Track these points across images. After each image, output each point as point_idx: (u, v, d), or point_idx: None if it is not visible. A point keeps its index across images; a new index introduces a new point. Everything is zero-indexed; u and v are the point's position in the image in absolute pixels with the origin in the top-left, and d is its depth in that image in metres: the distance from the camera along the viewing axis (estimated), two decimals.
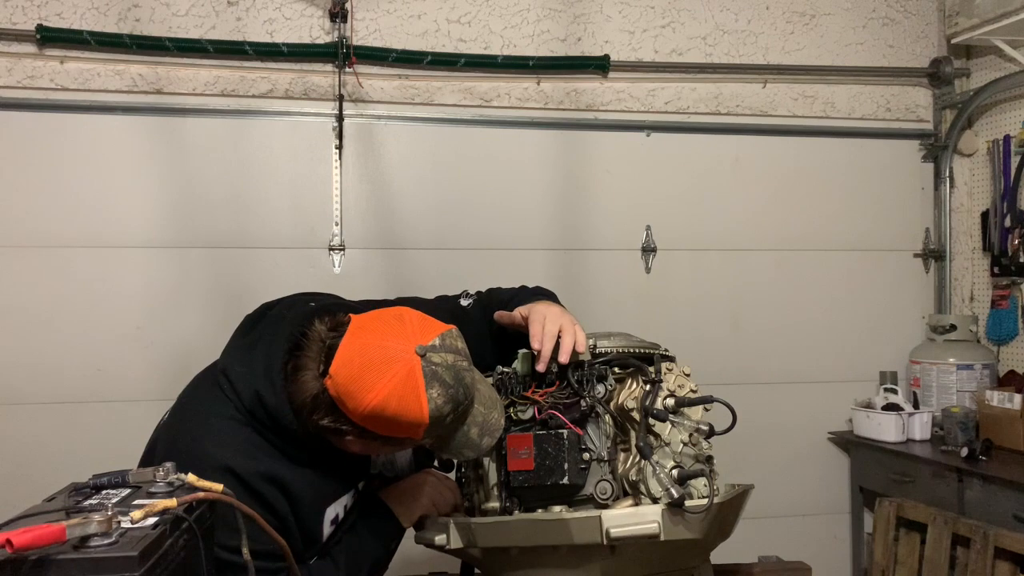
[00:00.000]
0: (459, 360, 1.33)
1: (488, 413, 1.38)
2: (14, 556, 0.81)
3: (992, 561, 2.02)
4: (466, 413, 1.34)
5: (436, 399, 1.28)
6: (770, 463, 3.39)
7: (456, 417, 1.32)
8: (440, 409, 1.29)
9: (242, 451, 1.33)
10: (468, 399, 1.33)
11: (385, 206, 3.26)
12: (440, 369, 1.29)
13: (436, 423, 1.30)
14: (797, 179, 3.56)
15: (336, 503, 1.45)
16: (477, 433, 1.36)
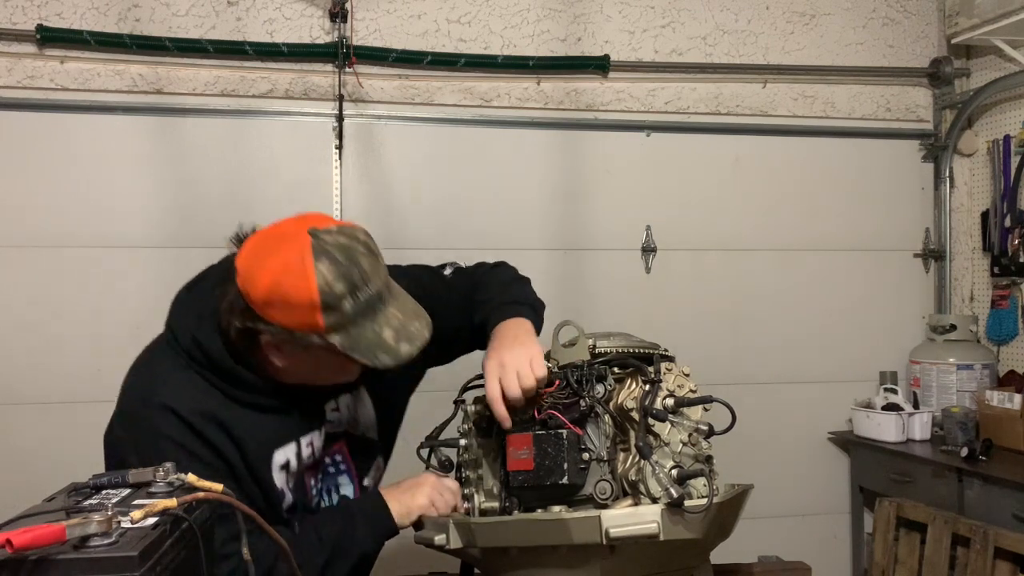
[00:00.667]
0: (356, 244, 1.31)
1: (408, 320, 1.34)
2: (14, 556, 0.81)
3: (992, 561, 2.02)
4: (374, 308, 1.31)
5: (324, 273, 1.26)
6: (770, 463, 3.39)
7: (359, 307, 1.29)
8: (330, 285, 1.26)
9: (184, 392, 1.35)
10: (368, 284, 1.30)
11: (385, 206, 3.26)
12: (332, 247, 1.29)
13: (331, 305, 1.27)
14: (797, 179, 3.56)
15: (285, 448, 1.42)
16: (392, 336, 1.32)
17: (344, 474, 1.56)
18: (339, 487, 1.56)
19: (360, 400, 1.57)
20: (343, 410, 1.54)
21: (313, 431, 1.48)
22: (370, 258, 1.32)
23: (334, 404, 1.53)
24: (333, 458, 1.55)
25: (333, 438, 1.53)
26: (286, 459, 1.43)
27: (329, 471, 1.54)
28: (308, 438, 1.47)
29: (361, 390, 1.57)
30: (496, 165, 3.34)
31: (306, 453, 1.46)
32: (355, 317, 1.30)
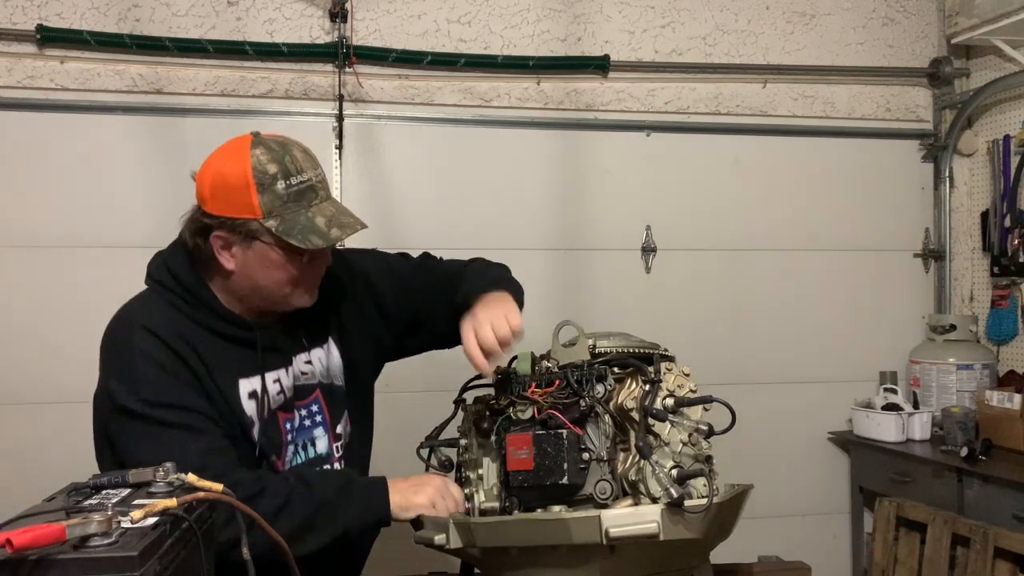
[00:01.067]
0: (292, 142, 1.47)
1: (341, 214, 1.48)
2: (14, 556, 0.81)
3: (992, 561, 2.02)
4: (306, 196, 1.45)
5: (259, 156, 1.42)
6: (770, 463, 3.38)
7: (292, 192, 1.43)
8: (263, 165, 1.41)
9: (158, 315, 1.47)
10: (300, 172, 1.44)
11: (385, 206, 3.26)
12: (268, 140, 1.46)
13: (264, 185, 1.41)
14: (797, 179, 3.56)
15: (251, 379, 1.49)
16: (324, 223, 1.45)
17: (320, 426, 1.60)
18: (314, 441, 1.58)
19: (330, 352, 1.65)
20: (316, 363, 1.61)
21: (279, 369, 1.54)
22: (305, 154, 1.48)
23: (307, 357, 1.59)
24: (309, 408, 1.59)
25: (309, 389, 1.59)
26: (253, 389, 1.49)
27: (305, 424, 1.58)
28: (274, 375, 1.53)
29: (330, 342, 1.65)
30: (496, 165, 3.34)
31: (273, 389, 1.52)
32: (288, 202, 1.43)
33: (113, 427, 1.45)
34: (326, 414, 1.61)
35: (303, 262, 1.48)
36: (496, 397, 1.52)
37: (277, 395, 1.53)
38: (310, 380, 1.60)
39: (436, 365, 3.20)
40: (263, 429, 1.50)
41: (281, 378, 1.54)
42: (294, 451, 1.55)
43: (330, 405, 1.62)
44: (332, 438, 1.61)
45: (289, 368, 1.55)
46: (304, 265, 1.49)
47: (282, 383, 1.54)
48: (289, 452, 1.54)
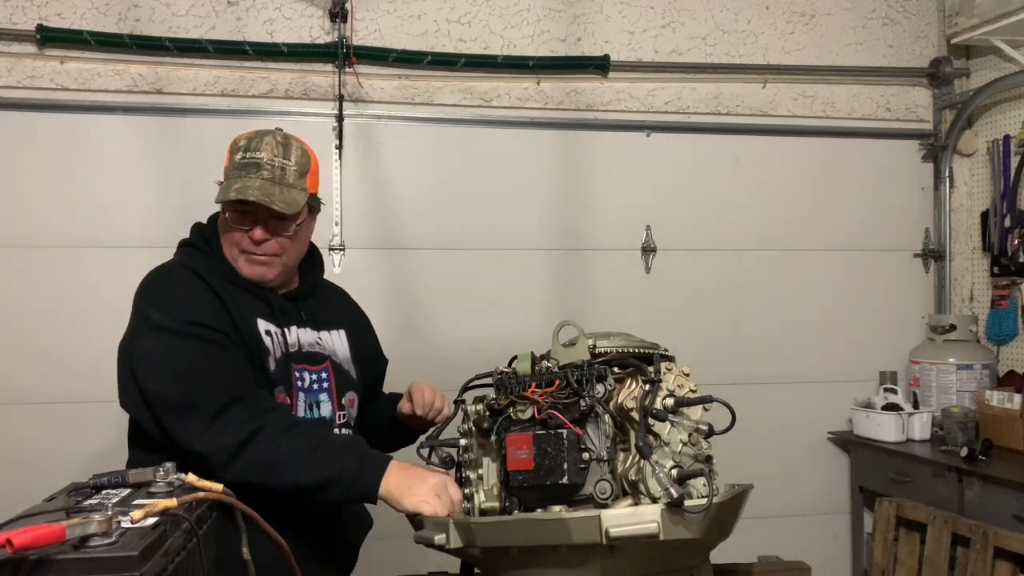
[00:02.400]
0: (277, 135, 1.73)
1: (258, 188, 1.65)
2: (14, 556, 0.81)
3: (992, 561, 2.01)
4: (247, 168, 1.67)
5: (245, 133, 1.74)
6: (770, 463, 3.38)
7: (241, 162, 1.68)
8: (239, 139, 1.73)
9: (192, 261, 1.73)
10: (255, 152, 1.68)
11: (385, 206, 3.26)
12: (267, 129, 1.74)
13: (232, 153, 1.72)
14: (797, 179, 3.56)
15: (267, 322, 1.71)
16: (239, 187, 1.65)
17: (325, 392, 1.77)
18: (319, 404, 1.75)
19: (339, 339, 1.87)
20: (325, 341, 1.82)
21: (291, 325, 1.75)
22: (280, 144, 1.71)
23: (317, 336, 1.81)
24: (319, 375, 1.77)
25: (321, 358, 1.79)
26: (268, 328, 1.70)
27: (314, 387, 1.75)
28: (285, 328, 1.74)
29: (341, 332, 1.87)
30: (496, 165, 3.34)
31: (291, 339, 1.74)
32: (234, 168, 1.69)
33: (144, 345, 1.63)
34: (332, 384, 1.78)
35: (227, 221, 1.70)
36: (496, 397, 1.52)
37: (293, 345, 1.73)
38: (322, 351, 1.79)
39: (436, 365, 3.22)
40: (278, 364, 1.68)
41: (295, 331, 1.75)
42: (304, 405, 1.72)
43: (338, 377, 1.79)
44: (336, 406, 1.77)
45: (293, 328, 1.75)
46: (230, 227, 1.70)
47: (299, 336, 1.75)
48: (300, 400, 1.71)
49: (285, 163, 1.70)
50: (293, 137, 1.76)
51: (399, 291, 3.27)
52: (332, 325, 1.86)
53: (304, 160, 1.74)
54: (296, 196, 1.69)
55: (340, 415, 1.78)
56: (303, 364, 1.74)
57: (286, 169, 1.70)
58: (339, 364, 1.82)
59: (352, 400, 1.83)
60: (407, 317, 3.26)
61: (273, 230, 1.70)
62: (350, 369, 1.85)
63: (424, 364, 3.22)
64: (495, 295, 3.31)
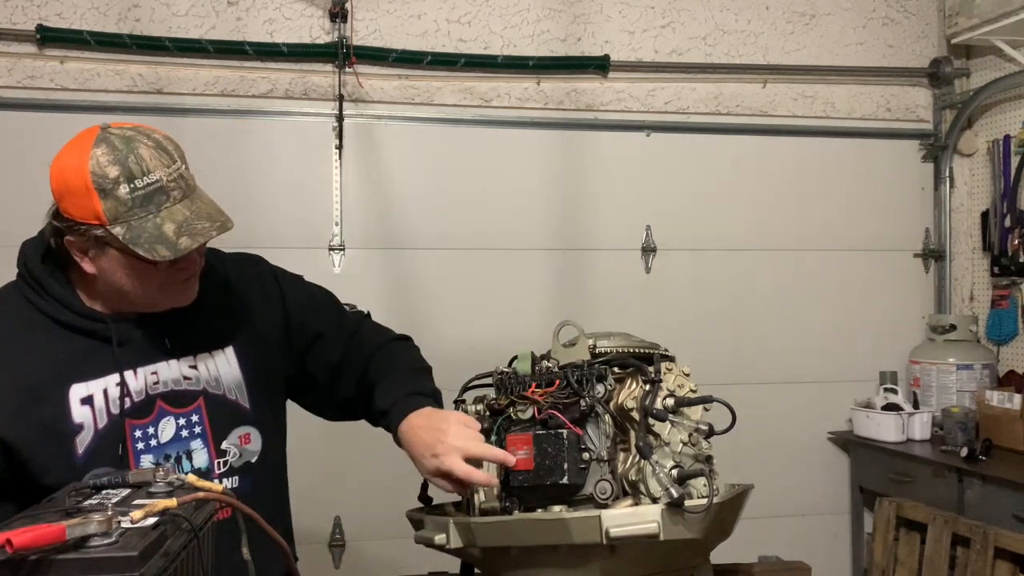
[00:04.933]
0: (141, 137, 1.35)
1: (196, 219, 1.34)
2: (14, 556, 0.81)
3: (992, 561, 2.01)
4: (155, 200, 1.32)
5: (98, 157, 1.31)
6: (770, 463, 3.39)
7: (138, 197, 1.31)
8: (102, 168, 1.30)
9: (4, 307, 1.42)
10: (147, 174, 1.31)
11: (385, 206, 3.26)
12: (115, 137, 1.35)
13: (105, 190, 1.30)
14: (797, 179, 3.57)
15: (92, 381, 1.39)
16: (174, 230, 1.32)
17: (199, 438, 1.46)
18: (191, 454, 1.45)
19: (224, 360, 1.52)
20: (201, 368, 1.48)
21: (141, 365, 1.43)
22: (155, 151, 1.34)
23: (192, 362, 1.48)
24: (188, 418, 1.46)
25: (191, 397, 1.46)
26: (89, 393, 1.39)
27: (182, 435, 1.45)
28: (131, 371, 1.42)
29: (227, 352, 1.52)
30: (496, 165, 3.34)
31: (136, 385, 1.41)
32: (134, 207, 1.31)
33: None
34: (207, 426, 1.47)
35: (164, 267, 1.37)
36: (496, 397, 1.52)
37: (135, 391, 1.41)
38: (193, 386, 1.47)
39: (436, 365, 3.21)
40: (96, 437, 1.38)
41: (134, 377, 1.42)
42: (157, 462, 1.42)
43: (213, 417, 1.48)
44: (214, 453, 1.48)
45: (141, 371, 1.43)
46: (167, 269, 1.38)
47: (130, 384, 1.41)
48: (144, 463, 1.41)
49: (179, 168, 1.37)
50: (139, 129, 1.40)
51: (399, 291, 3.27)
52: (214, 344, 1.51)
53: (179, 150, 1.40)
54: (207, 197, 1.40)
55: (220, 463, 1.47)
56: (156, 412, 1.43)
57: (183, 174, 1.37)
58: (219, 396, 1.49)
59: (246, 436, 1.51)
60: (407, 317, 3.25)
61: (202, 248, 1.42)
62: (239, 397, 1.51)
63: None
64: (495, 295, 3.31)
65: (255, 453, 1.52)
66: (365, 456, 2.91)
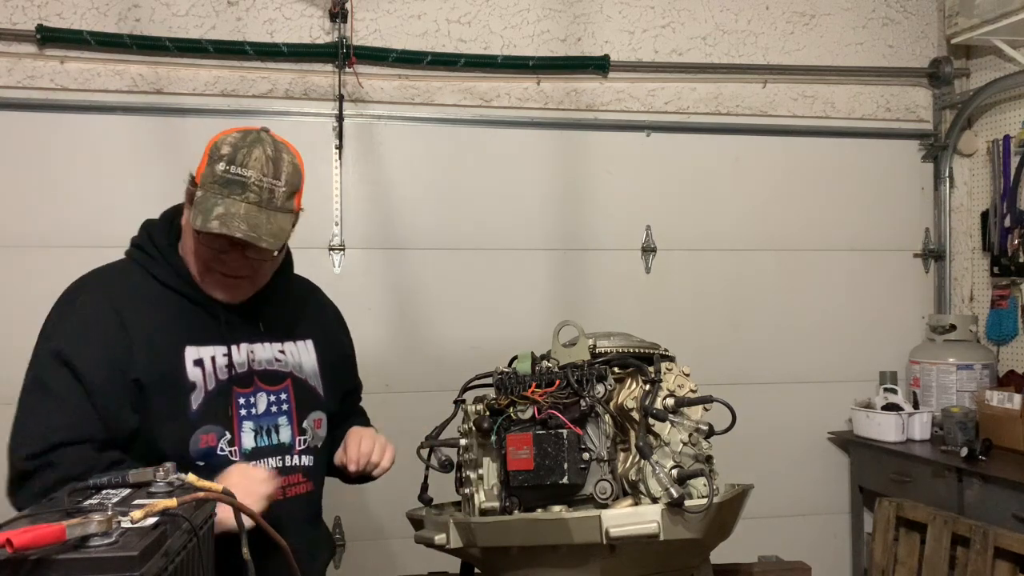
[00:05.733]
0: (265, 144, 1.51)
1: (242, 221, 1.46)
2: (14, 556, 0.81)
3: (992, 561, 2.02)
4: (231, 187, 1.47)
5: (228, 137, 1.52)
6: (770, 463, 3.39)
7: (223, 177, 1.47)
8: (221, 144, 1.50)
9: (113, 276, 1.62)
10: (243, 167, 1.48)
11: (385, 206, 3.26)
12: (255, 134, 1.53)
13: (212, 158, 1.49)
14: (797, 179, 3.56)
15: (202, 347, 1.56)
16: (220, 214, 1.45)
17: (284, 415, 1.64)
18: (278, 428, 1.63)
19: (306, 350, 1.72)
20: (288, 355, 1.68)
21: (242, 342, 1.61)
22: (266, 159, 1.50)
23: (281, 347, 1.67)
24: (278, 396, 1.64)
25: (281, 376, 1.65)
26: (200, 357, 1.56)
27: (271, 409, 1.63)
28: (234, 346, 1.59)
29: (308, 342, 1.73)
30: (496, 165, 3.34)
31: (239, 358, 1.59)
32: (215, 182, 1.48)
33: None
34: (292, 405, 1.65)
35: (207, 248, 1.53)
36: (496, 397, 1.52)
37: (238, 364, 1.59)
38: (282, 368, 1.66)
39: (436, 365, 3.22)
40: (207, 398, 1.54)
41: (236, 351, 1.60)
42: (256, 432, 1.59)
43: (299, 398, 1.66)
44: (296, 430, 1.65)
45: (243, 347, 1.61)
46: (203, 246, 1.53)
47: (234, 357, 1.59)
48: (245, 429, 1.58)
49: (275, 184, 1.50)
50: (284, 146, 1.56)
51: (399, 291, 3.26)
52: (299, 335, 1.72)
53: (295, 178, 1.54)
54: (283, 223, 1.52)
55: (301, 440, 1.66)
56: (254, 386, 1.60)
57: (275, 191, 1.50)
58: (303, 380, 1.69)
59: (319, 420, 1.70)
60: (407, 317, 3.26)
61: (252, 254, 1.53)
62: (317, 385, 1.71)
63: (424, 364, 3.23)
64: (495, 295, 3.31)
65: (322, 438, 1.71)
66: None
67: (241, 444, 1.57)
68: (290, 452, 1.64)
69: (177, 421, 1.52)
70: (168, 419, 1.51)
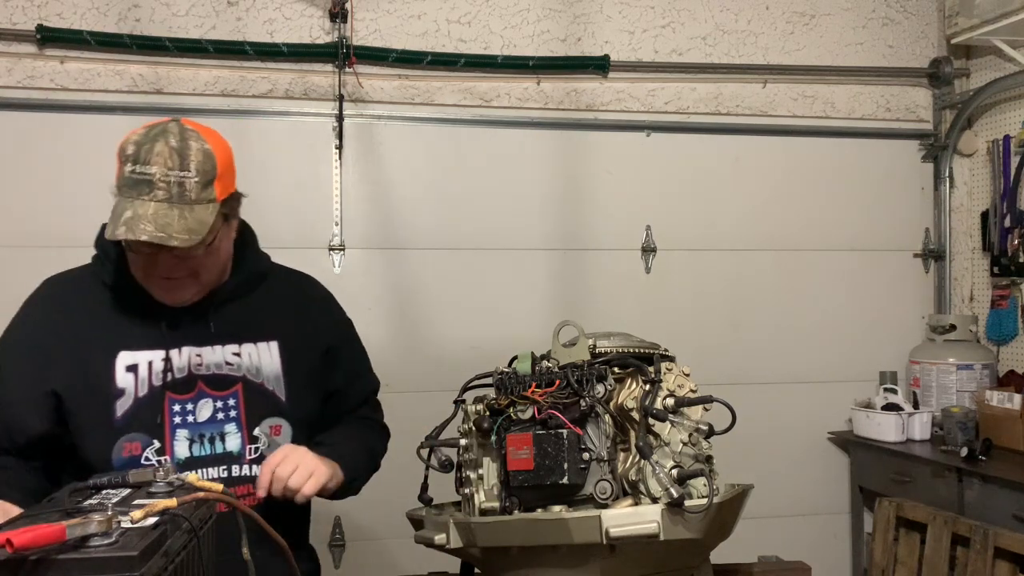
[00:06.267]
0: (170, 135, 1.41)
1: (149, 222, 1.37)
2: (14, 556, 0.81)
3: (992, 561, 2.02)
4: (138, 188, 1.38)
5: (136, 133, 1.42)
6: (770, 463, 3.39)
7: (130, 178, 1.39)
8: (126, 143, 1.41)
9: (67, 276, 1.61)
10: (146, 164, 1.38)
11: (385, 206, 3.26)
12: (161, 125, 1.43)
13: (121, 159, 1.41)
14: (797, 179, 3.56)
15: (138, 352, 1.51)
16: (128, 219, 1.37)
17: (233, 422, 1.55)
18: (224, 436, 1.54)
19: (268, 352, 1.61)
20: (244, 358, 1.58)
21: (186, 345, 1.53)
22: (171, 151, 1.39)
23: (236, 349, 1.58)
24: (226, 402, 1.55)
25: (229, 381, 1.56)
26: (134, 362, 1.50)
27: (217, 417, 1.54)
28: (176, 350, 1.52)
29: (272, 343, 1.61)
30: (496, 165, 3.34)
31: (179, 363, 1.52)
32: (125, 185, 1.40)
33: None
34: (242, 411, 1.56)
35: (137, 255, 1.46)
36: (496, 397, 1.52)
37: (178, 368, 1.52)
38: (233, 372, 1.57)
39: (436, 365, 3.22)
40: (135, 405, 1.49)
41: (178, 355, 1.52)
42: (193, 441, 1.52)
43: (250, 403, 1.57)
44: (247, 438, 1.56)
45: (186, 350, 1.53)
46: (132, 253, 1.47)
47: (174, 362, 1.52)
48: (179, 437, 1.50)
49: (184, 176, 1.39)
50: (194, 133, 1.44)
51: (399, 291, 3.27)
52: (261, 335, 1.60)
53: (208, 164, 1.42)
54: (202, 216, 1.41)
55: (252, 448, 1.55)
56: (197, 391, 1.52)
57: (185, 184, 1.40)
58: (258, 385, 1.58)
59: (277, 427, 1.59)
60: (407, 317, 3.26)
61: (180, 254, 1.44)
62: (277, 389, 1.60)
63: (424, 364, 3.23)
64: (495, 295, 3.31)
65: (277, 444, 1.59)
66: None
67: (173, 453, 1.50)
68: (238, 461, 1.54)
69: (100, 430, 1.47)
70: (92, 428, 1.47)
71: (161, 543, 0.91)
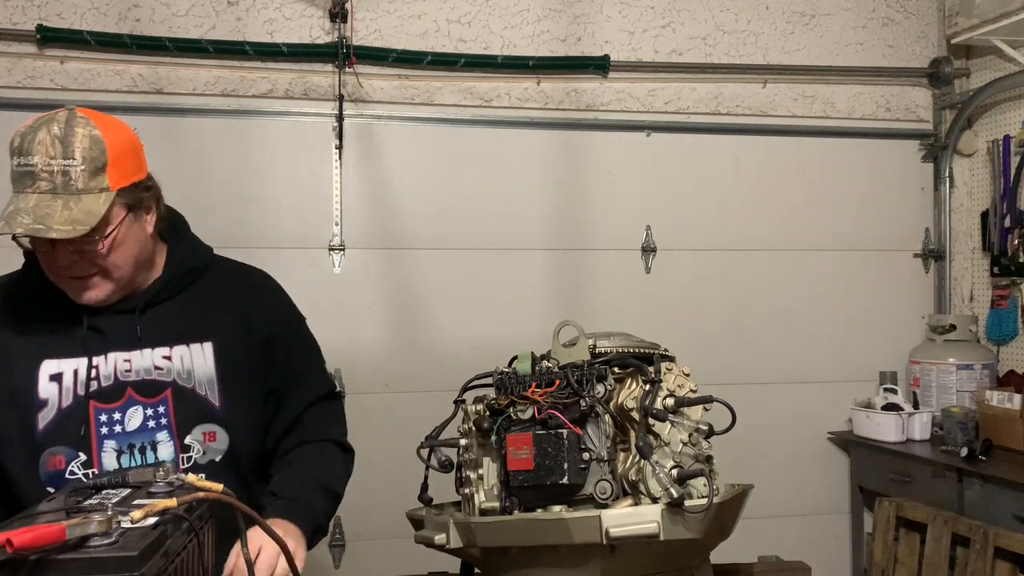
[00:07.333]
0: (56, 125, 1.37)
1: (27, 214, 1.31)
2: (14, 556, 0.81)
3: (992, 561, 2.02)
4: (22, 181, 1.34)
5: (21, 128, 1.38)
6: (770, 463, 3.39)
7: (15, 171, 1.35)
8: (14, 136, 1.38)
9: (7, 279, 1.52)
10: (28, 156, 1.34)
11: (385, 206, 3.26)
12: (51, 115, 1.39)
13: (10, 149, 1.37)
14: (797, 179, 3.56)
15: (63, 360, 1.44)
16: (8, 213, 1.32)
17: (164, 430, 1.47)
18: (155, 445, 1.46)
19: (201, 353, 1.52)
20: (175, 361, 1.49)
21: (111, 350, 1.46)
22: (55, 140, 1.35)
23: (166, 353, 1.49)
24: (155, 409, 1.46)
25: (159, 387, 1.47)
26: (59, 371, 1.43)
27: (148, 425, 1.46)
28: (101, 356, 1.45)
29: (206, 344, 1.52)
30: (496, 165, 3.34)
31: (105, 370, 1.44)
32: (12, 179, 1.36)
33: None
34: (172, 418, 1.47)
35: (42, 253, 1.40)
36: (496, 397, 1.52)
37: (104, 376, 1.44)
38: (163, 377, 1.47)
39: (436, 365, 3.22)
40: (59, 416, 1.42)
41: (103, 362, 1.45)
42: (121, 452, 1.44)
43: (180, 410, 1.48)
44: (179, 447, 1.47)
45: (113, 356, 1.45)
46: (37, 252, 1.41)
47: (101, 369, 1.44)
48: (107, 449, 1.43)
49: (68, 164, 1.33)
50: (83, 119, 1.39)
51: (399, 291, 3.27)
52: (194, 336, 1.51)
53: (96, 151, 1.36)
54: (91, 206, 1.33)
55: (185, 457, 1.47)
56: (126, 399, 1.45)
57: (70, 172, 1.33)
58: (188, 390, 1.48)
59: (211, 434, 1.50)
60: (407, 317, 3.26)
61: (78, 247, 1.36)
62: (209, 394, 1.50)
63: (424, 364, 3.23)
64: (495, 295, 3.31)
65: (220, 452, 1.51)
66: (365, 456, 2.90)
67: (101, 465, 1.41)
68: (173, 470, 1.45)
69: (23, 443, 1.41)
70: (15, 441, 1.41)
71: (161, 543, 0.91)
